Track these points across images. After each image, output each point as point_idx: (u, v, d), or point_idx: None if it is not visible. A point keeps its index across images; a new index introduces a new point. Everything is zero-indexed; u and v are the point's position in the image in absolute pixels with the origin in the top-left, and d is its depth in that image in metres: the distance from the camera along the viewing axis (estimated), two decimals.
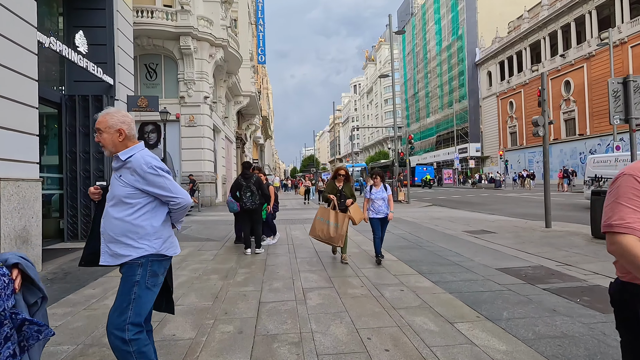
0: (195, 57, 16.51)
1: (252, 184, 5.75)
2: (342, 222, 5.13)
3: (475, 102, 49.58)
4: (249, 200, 5.72)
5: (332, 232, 5.09)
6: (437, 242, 6.73)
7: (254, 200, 5.73)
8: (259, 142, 51.34)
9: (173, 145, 16.74)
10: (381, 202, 5.41)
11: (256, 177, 5.87)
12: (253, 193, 5.73)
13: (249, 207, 5.73)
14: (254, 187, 5.75)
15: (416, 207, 14.52)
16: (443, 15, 56.92)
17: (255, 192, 5.74)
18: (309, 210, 13.95)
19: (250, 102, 27.38)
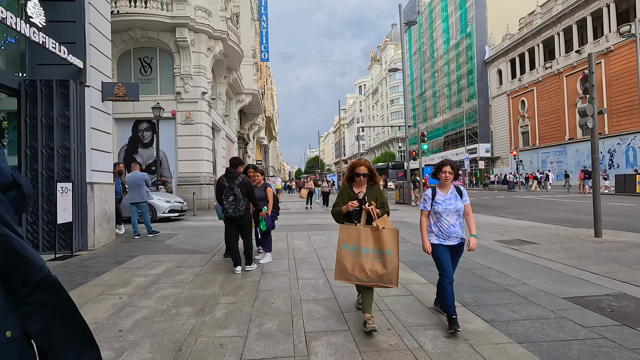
0: (192, 50, 15.46)
1: (236, 186, 4.61)
2: (390, 241, 3.05)
3: (485, 101, 48.13)
4: (230, 206, 4.57)
5: (378, 266, 2.96)
6: (471, 256, 5.51)
7: (238, 206, 4.58)
8: (263, 143, 50.34)
9: (169, 145, 15.68)
10: (453, 218, 3.20)
11: (243, 178, 4.72)
12: (237, 197, 4.57)
13: (231, 214, 4.60)
14: (238, 190, 4.59)
15: None
16: (451, 12, 55.60)
17: (240, 197, 4.59)
18: (313, 215, 12.77)
19: (252, 100, 26.33)
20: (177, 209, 10.58)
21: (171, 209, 10.36)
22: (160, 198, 10.34)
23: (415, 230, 8.26)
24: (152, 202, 10.01)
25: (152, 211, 10.08)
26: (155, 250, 6.15)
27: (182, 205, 10.92)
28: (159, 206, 10.11)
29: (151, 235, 7.38)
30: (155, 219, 10.11)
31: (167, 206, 10.25)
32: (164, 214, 10.20)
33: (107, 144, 6.96)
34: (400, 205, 16.55)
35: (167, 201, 10.39)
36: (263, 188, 5.42)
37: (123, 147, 15.65)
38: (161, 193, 11.58)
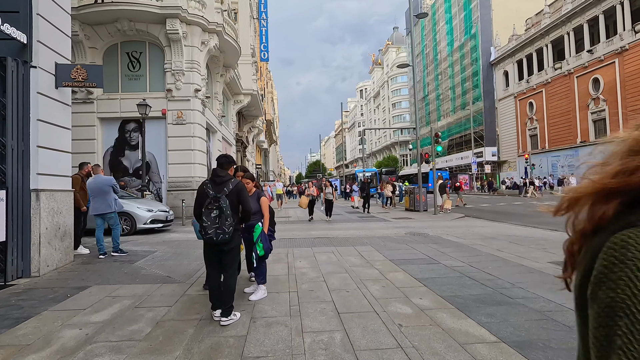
0: (184, 43, 14.18)
1: (223, 197, 3.20)
2: None
3: (491, 104, 46.88)
4: (212, 224, 3.14)
5: None
6: (533, 288, 4.12)
7: (223, 225, 3.13)
8: (263, 147, 49.08)
9: (158, 146, 14.36)
10: None
11: (235, 185, 3.34)
12: (223, 213, 3.15)
13: (211, 237, 3.16)
14: (226, 201, 3.17)
15: (448, 219, 11.90)
16: (454, 14, 54.57)
17: (228, 212, 3.16)
18: (316, 225, 11.38)
19: (251, 101, 25.06)
20: (161, 218, 9.22)
21: (154, 219, 9.01)
22: (141, 207, 8.99)
23: (444, 246, 6.87)
24: (131, 212, 8.68)
25: (132, 222, 8.73)
26: (118, 277, 4.78)
27: (167, 214, 9.56)
28: (139, 216, 8.75)
29: (118, 254, 6.00)
30: (135, 230, 8.75)
31: (149, 216, 8.90)
32: (146, 225, 8.84)
33: (64, 141, 5.62)
34: (411, 212, 15.16)
35: (149, 210, 9.03)
36: (255, 198, 4.06)
37: (109, 149, 14.32)
38: (145, 200, 10.23)
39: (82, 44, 13.78)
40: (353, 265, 5.40)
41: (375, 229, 9.56)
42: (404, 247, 6.87)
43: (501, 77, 45.63)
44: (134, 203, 9.08)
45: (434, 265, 5.28)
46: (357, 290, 4.15)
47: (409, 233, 8.69)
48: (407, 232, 8.93)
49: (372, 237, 8.16)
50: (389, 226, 10.29)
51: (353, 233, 8.84)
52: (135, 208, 8.82)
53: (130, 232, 8.68)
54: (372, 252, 6.34)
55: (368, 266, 5.34)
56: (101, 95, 14.22)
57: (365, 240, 7.72)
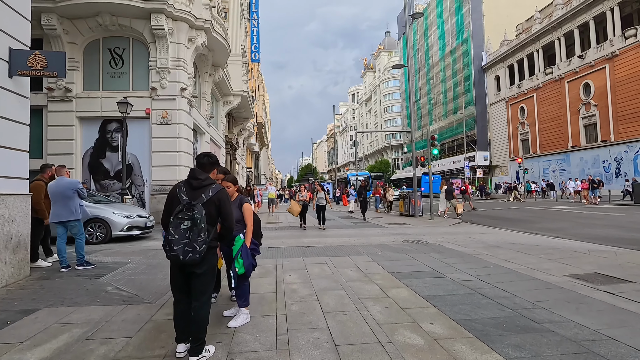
0: (170, 40, 13.51)
1: (198, 206, 2.53)
2: None
3: (483, 108, 47.01)
4: (180, 239, 2.47)
5: None
6: (558, 309, 3.58)
7: (194, 241, 2.48)
8: (254, 150, 48.32)
9: (141, 148, 13.61)
10: None
11: (217, 191, 2.69)
12: (196, 224, 2.49)
13: (176, 256, 2.49)
14: (201, 212, 2.52)
15: (445, 225, 11.40)
16: (446, 19, 54.85)
17: (202, 225, 2.51)
18: (309, 232, 10.76)
19: (242, 102, 24.41)
20: (139, 225, 8.50)
21: (131, 226, 8.29)
22: (118, 212, 8.27)
23: (447, 256, 6.32)
24: (106, 218, 7.96)
25: (106, 229, 8.00)
26: (76, 296, 4.10)
27: (147, 220, 8.85)
28: (114, 222, 8.03)
29: (83, 267, 5.30)
30: (110, 238, 8.03)
31: (126, 222, 8.18)
32: (122, 232, 8.12)
33: (19, 139, 4.90)
34: (406, 217, 14.65)
35: (126, 215, 8.32)
36: (237, 204, 3.44)
37: (88, 150, 13.52)
38: (123, 205, 9.50)
39: (60, 38, 13.00)
40: (349, 280, 4.80)
41: (370, 236, 8.99)
42: (403, 257, 6.30)
43: (493, 82, 45.82)
44: (110, 208, 8.35)
45: (440, 280, 4.72)
46: (356, 312, 3.56)
47: (407, 240, 8.15)
48: (405, 239, 8.38)
49: (368, 245, 7.58)
50: (385, 233, 9.73)
51: (347, 241, 8.25)
52: (110, 214, 8.10)
53: (105, 240, 7.95)
54: (369, 264, 5.76)
55: (366, 280, 4.75)
56: (80, 93, 13.44)
57: (361, 249, 7.13)
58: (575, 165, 33.20)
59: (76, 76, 13.43)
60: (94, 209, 8.03)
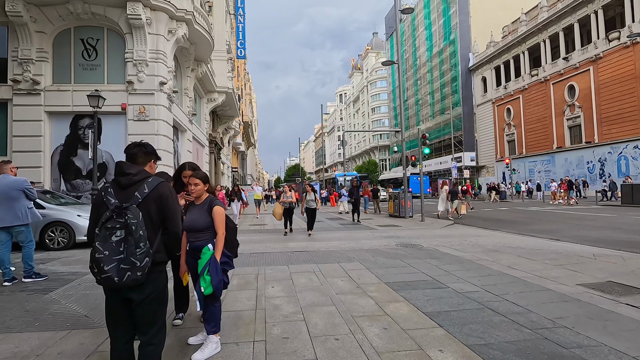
0: (148, 31, 12.70)
1: (132, 207, 1.92)
2: None
3: (470, 109, 47.28)
4: (112, 256, 1.82)
5: None
6: (583, 329, 3.08)
7: (132, 256, 1.84)
8: (240, 150, 47.39)
9: (117, 145, 12.75)
10: None
11: (155, 185, 2.06)
12: (131, 232, 1.85)
13: (109, 279, 1.82)
14: (136, 216, 1.89)
15: (438, 227, 10.96)
16: (434, 20, 55.04)
17: (140, 233, 1.87)
18: (295, 236, 10.16)
19: (226, 100, 23.60)
20: None
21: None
22: (84, 214, 7.50)
23: (445, 262, 5.82)
24: (69, 221, 7.20)
25: (70, 233, 7.23)
26: (11, 318, 3.40)
27: None
28: (79, 226, 7.26)
29: (31, 280, 4.58)
30: (74, 243, 7.25)
31: None
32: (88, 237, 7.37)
33: None
34: (396, 219, 14.19)
35: None
36: (205, 207, 2.81)
37: (58, 147, 12.58)
38: (87, 206, 8.70)
39: (27, 27, 12.05)
40: (341, 292, 4.23)
41: (361, 240, 8.45)
42: (398, 263, 5.77)
43: (479, 83, 46.11)
44: (75, 210, 7.58)
45: (442, 292, 4.20)
46: (350, 335, 2.99)
47: (400, 244, 7.64)
48: (398, 243, 7.87)
49: (359, 250, 7.03)
50: (376, 235, 9.21)
51: (337, 245, 7.68)
52: (74, 216, 7.33)
53: (68, 246, 7.18)
54: (362, 272, 5.21)
55: (360, 293, 4.19)
56: (50, 86, 12.50)
57: (352, 254, 6.58)
58: (560, 166, 33.55)
59: (45, 68, 12.48)
60: (56, 211, 7.26)
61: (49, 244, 7.19)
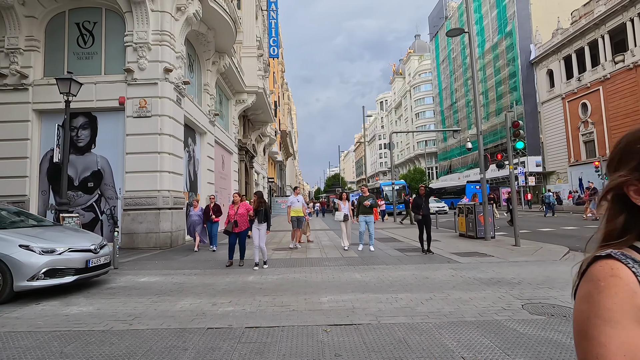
0: (151, 7, 10.31)
1: None
2: None
3: (533, 108, 41.48)
4: None
5: None
6: None
7: None
8: (277, 159, 45.16)
9: (115, 149, 10.36)
10: None
11: None
12: None
13: None
14: None
15: (553, 260, 7.06)
16: (485, 12, 50.06)
17: None
18: (328, 278, 6.80)
19: (257, 102, 21.11)
20: (73, 265, 5.02)
21: (54, 269, 4.83)
22: (32, 243, 4.85)
23: None
24: (4, 256, 4.54)
25: (4, 277, 4.53)
26: None
27: (92, 255, 5.31)
28: (18, 264, 4.58)
29: None
30: (9, 292, 4.55)
31: (42, 263, 4.72)
32: (34, 283, 4.68)
33: None
34: (472, 241, 10.35)
35: (45, 250, 4.86)
36: None
37: (47, 153, 10.41)
38: (52, 229, 6.02)
39: (14, 10, 10.11)
40: None
41: (445, 288, 4.92)
42: None
43: (544, 77, 40.27)
44: (16, 236, 4.97)
45: None
46: None
47: (530, 305, 4.05)
48: (522, 300, 4.27)
49: (458, 323, 3.56)
50: (468, 279, 5.59)
51: (407, 304, 4.26)
52: (12, 246, 4.70)
53: (2, 298, 4.58)
54: None
55: None
56: (39, 80, 10.44)
57: (448, 339, 3.13)
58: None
59: (35, 58, 10.47)
60: None
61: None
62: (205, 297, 4.66)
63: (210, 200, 9.68)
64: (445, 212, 31.34)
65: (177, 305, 4.29)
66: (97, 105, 10.35)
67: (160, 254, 8.95)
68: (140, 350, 2.98)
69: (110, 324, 3.65)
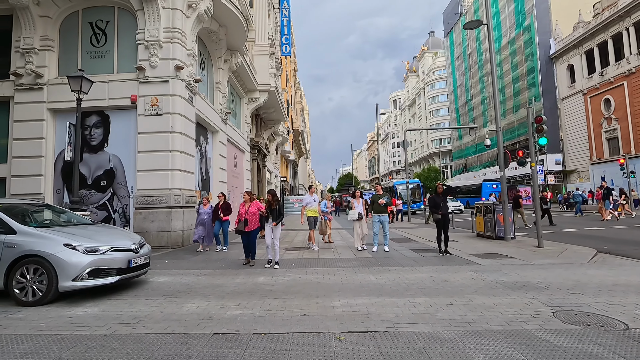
0: (162, 5, 10.25)
1: None
2: None
3: (552, 104, 40.21)
4: None
5: None
6: None
7: None
8: (289, 158, 45.10)
9: (127, 147, 10.36)
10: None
11: None
12: None
13: None
14: None
15: (580, 262, 6.64)
16: (502, 7, 48.83)
17: None
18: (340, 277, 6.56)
19: (270, 100, 20.99)
20: (116, 265, 4.85)
21: (98, 268, 4.68)
22: (76, 242, 4.70)
23: None
24: (46, 255, 4.47)
25: (49, 276, 4.45)
26: None
27: (132, 255, 5.11)
28: (63, 264, 4.45)
29: None
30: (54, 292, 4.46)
31: (86, 262, 4.57)
32: (79, 283, 4.52)
33: None
34: (491, 241, 9.95)
35: (89, 249, 4.69)
36: None
37: (62, 152, 10.47)
38: (95, 228, 5.79)
39: (29, 11, 10.20)
40: None
41: (467, 293, 4.61)
42: None
43: (564, 73, 38.97)
44: (59, 235, 4.79)
45: None
46: None
47: (561, 313, 3.73)
48: (553, 307, 3.94)
49: (482, 332, 3.28)
50: (490, 282, 5.25)
51: (425, 309, 3.98)
52: (57, 245, 4.55)
53: (46, 299, 4.43)
54: None
55: None
56: (53, 79, 10.52)
57: (473, 351, 2.86)
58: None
59: (49, 58, 10.55)
60: (28, 237, 4.61)
61: (19, 295, 4.46)
62: (213, 299, 4.48)
63: (219, 198, 9.54)
64: (461, 211, 30.67)
65: (183, 308, 4.12)
66: (109, 104, 10.36)
67: (171, 252, 8.88)
68: (141, 358, 2.80)
69: (114, 327, 3.50)
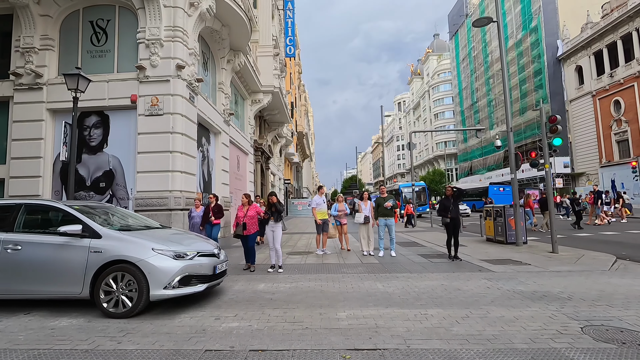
0: (163, 3, 10.05)
1: None
2: None
3: (560, 106, 39.61)
4: None
5: None
6: None
7: None
8: (293, 161, 44.83)
9: (127, 148, 10.12)
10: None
11: None
12: None
13: None
14: None
15: (602, 269, 6.25)
16: (508, 9, 48.40)
17: None
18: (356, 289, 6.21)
19: (273, 101, 20.75)
20: (203, 271, 4.44)
21: (187, 276, 4.25)
22: (160, 246, 4.29)
23: None
24: (136, 260, 4.08)
25: (139, 285, 4.03)
26: None
27: (216, 260, 4.73)
28: (155, 270, 4.06)
29: None
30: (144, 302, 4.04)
31: (177, 269, 4.16)
32: (170, 291, 4.11)
33: None
34: (502, 246, 9.55)
35: (178, 255, 4.30)
36: None
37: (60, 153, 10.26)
38: (164, 232, 5.21)
39: (30, 9, 10.04)
40: None
41: (483, 304, 4.25)
42: None
43: (572, 74, 38.42)
44: (146, 238, 4.45)
45: None
46: None
47: (589, 325, 3.37)
48: (582, 322, 3.58)
49: (506, 350, 2.93)
50: (507, 292, 4.88)
51: (439, 322, 3.64)
52: (146, 250, 4.18)
53: (136, 309, 4.02)
54: None
55: None
56: (53, 79, 10.32)
57: None
58: None
59: (49, 57, 10.37)
60: (115, 241, 4.24)
61: (107, 307, 4.04)
62: (208, 309, 4.17)
63: (211, 199, 9.25)
64: (467, 214, 30.18)
65: (175, 319, 3.81)
66: (109, 104, 10.14)
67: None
68: None
69: (98, 340, 3.21)
